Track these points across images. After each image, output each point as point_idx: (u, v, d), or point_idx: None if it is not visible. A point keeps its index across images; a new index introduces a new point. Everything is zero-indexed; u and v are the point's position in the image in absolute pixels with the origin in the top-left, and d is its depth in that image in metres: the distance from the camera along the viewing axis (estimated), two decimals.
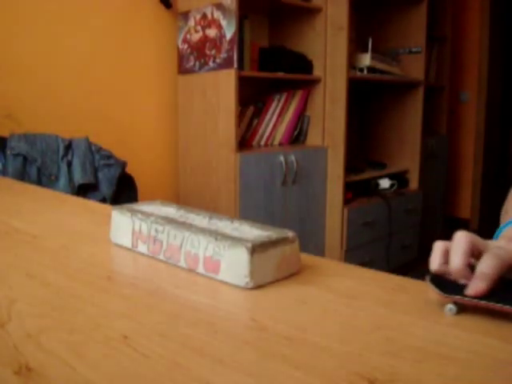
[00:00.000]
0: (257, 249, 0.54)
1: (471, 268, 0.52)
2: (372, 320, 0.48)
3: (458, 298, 0.49)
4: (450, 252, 0.54)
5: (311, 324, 0.47)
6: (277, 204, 2.66)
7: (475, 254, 0.54)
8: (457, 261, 0.53)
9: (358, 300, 0.53)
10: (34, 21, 2.27)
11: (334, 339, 0.44)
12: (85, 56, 2.45)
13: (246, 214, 2.47)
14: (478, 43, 4.13)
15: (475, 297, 0.48)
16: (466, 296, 0.48)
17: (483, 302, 0.48)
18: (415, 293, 0.56)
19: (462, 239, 0.54)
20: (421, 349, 0.42)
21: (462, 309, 0.49)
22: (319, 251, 2.92)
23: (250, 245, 0.53)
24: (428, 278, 0.53)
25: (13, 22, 2.21)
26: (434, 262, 0.55)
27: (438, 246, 0.56)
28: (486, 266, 0.50)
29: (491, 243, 0.57)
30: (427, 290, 0.55)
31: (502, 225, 0.73)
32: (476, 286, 0.49)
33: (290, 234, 0.58)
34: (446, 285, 0.51)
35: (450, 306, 0.50)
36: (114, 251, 0.70)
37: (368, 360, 0.40)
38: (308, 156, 2.79)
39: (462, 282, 0.51)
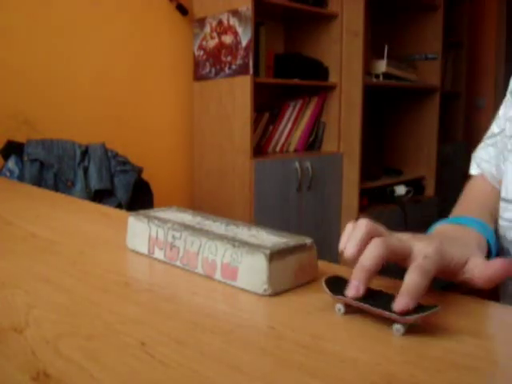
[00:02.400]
0: (275, 256, 0.53)
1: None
2: (390, 328, 0.47)
3: (342, 299, 0.49)
4: (348, 238, 0.54)
5: (329, 332, 0.46)
6: (292, 210, 2.65)
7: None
8: (351, 247, 0.53)
9: None
10: (52, 28, 2.29)
11: (351, 348, 0.43)
12: (102, 63, 2.46)
13: (260, 220, 2.46)
14: (494, 49, 4.10)
15: (355, 298, 0.49)
16: (352, 298, 0.49)
17: (364, 305, 0.48)
18: (433, 301, 0.55)
19: (361, 226, 0.55)
20: (440, 358, 0.41)
21: (349, 309, 0.50)
22: (334, 258, 2.91)
23: (268, 252, 0.53)
24: (323, 279, 0.53)
25: (30, 28, 2.23)
26: (341, 243, 0.56)
27: (348, 227, 0.57)
28: (366, 259, 0.51)
29: (393, 233, 0.57)
30: (445, 300, 0.54)
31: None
32: (353, 286, 0.49)
33: (308, 240, 0.58)
34: (340, 285, 0.51)
35: (339, 306, 0.50)
36: (130, 257, 0.70)
37: (386, 369, 0.40)
38: (323, 162, 2.79)
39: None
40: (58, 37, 2.32)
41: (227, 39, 2.54)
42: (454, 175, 3.74)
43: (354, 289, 0.49)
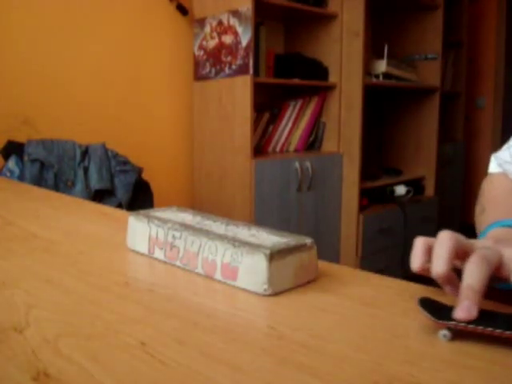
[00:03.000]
0: (275, 255, 0.53)
1: (456, 271, 0.49)
2: (390, 328, 0.47)
3: (451, 323, 0.45)
4: (433, 254, 0.50)
5: (329, 332, 0.46)
6: (292, 210, 2.65)
7: (460, 256, 0.50)
8: (440, 265, 0.48)
9: (376, 308, 0.52)
10: (52, 27, 2.29)
11: (352, 347, 0.43)
12: (102, 63, 2.46)
13: (261, 220, 2.46)
14: (494, 49, 4.10)
15: (467, 321, 0.44)
16: (458, 321, 0.44)
17: (479, 328, 0.44)
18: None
19: (445, 240, 0.50)
20: (440, 358, 0.41)
21: (456, 333, 0.45)
22: (334, 258, 2.91)
23: (268, 251, 0.53)
24: (418, 301, 0.48)
25: (30, 28, 2.23)
26: (416, 261, 0.51)
27: (420, 243, 0.52)
28: (473, 279, 0.46)
29: (477, 243, 0.53)
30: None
31: (483, 226, 0.71)
32: (465, 308, 0.44)
33: (308, 240, 0.58)
34: (439, 308, 0.47)
35: (444, 333, 0.45)
36: (130, 257, 0.70)
37: (387, 369, 0.40)
38: (323, 162, 2.79)
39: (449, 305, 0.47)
40: (58, 37, 2.32)
41: (227, 39, 2.54)
42: (453, 175, 3.74)
43: (466, 311, 0.44)
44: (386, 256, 3.02)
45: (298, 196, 2.66)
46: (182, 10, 2.69)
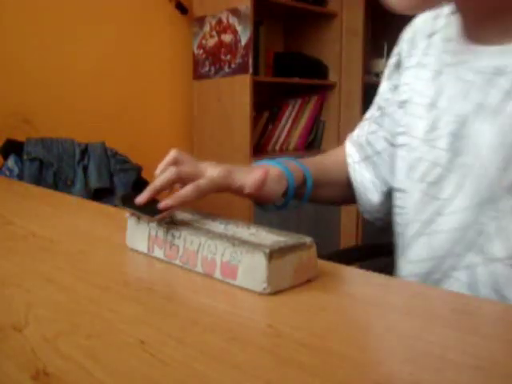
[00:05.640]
0: (274, 254, 0.53)
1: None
2: (391, 327, 0.47)
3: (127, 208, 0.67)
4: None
5: (329, 331, 0.46)
6: (291, 209, 2.65)
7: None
8: (157, 171, 0.76)
9: (377, 307, 0.52)
10: (51, 26, 2.29)
11: (352, 346, 0.43)
12: (101, 62, 2.46)
13: (259, 218, 2.46)
14: None
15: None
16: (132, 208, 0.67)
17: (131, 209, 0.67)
18: (434, 299, 0.55)
19: (169, 154, 0.79)
20: (441, 357, 0.41)
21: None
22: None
23: (267, 250, 0.53)
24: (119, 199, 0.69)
25: (30, 28, 2.23)
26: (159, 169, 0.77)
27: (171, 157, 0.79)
28: (160, 179, 0.73)
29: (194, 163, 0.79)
30: (446, 297, 0.54)
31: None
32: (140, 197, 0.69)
33: (308, 239, 0.58)
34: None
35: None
36: (130, 256, 0.70)
37: (387, 368, 0.40)
38: None
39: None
40: (57, 35, 2.31)
41: (227, 38, 2.54)
42: None
43: (140, 198, 0.68)
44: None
45: None
46: (182, 9, 2.69)
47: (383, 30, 3.43)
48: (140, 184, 2.12)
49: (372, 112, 0.99)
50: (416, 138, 0.79)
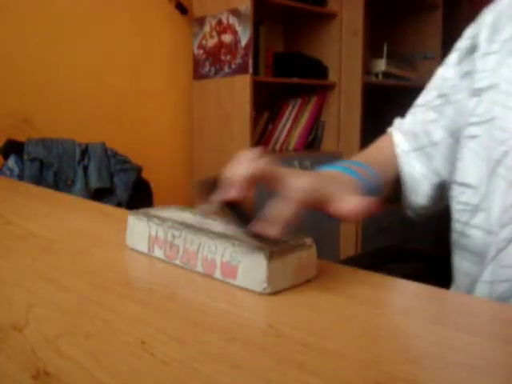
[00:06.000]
0: (274, 254, 0.53)
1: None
2: (390, 327, 0.47)
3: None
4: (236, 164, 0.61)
5: (329, 331, 0.46)
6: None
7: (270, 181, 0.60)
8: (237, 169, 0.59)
9: (376, 307, 0.52)
10: (52, 26, 2.29)
11: (352, 346, 0.43)
12: (101, 62, 2.46)
13: None
14: None
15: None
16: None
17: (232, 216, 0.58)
18: (433, 300, 0.55)
19: (244, 154, 0.63)
20: (440, 357, 0.41)
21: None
22: (333, 257, 2.91)
23: (267, 250, 0.53)
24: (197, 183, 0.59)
25: (30, 28, 2.23)
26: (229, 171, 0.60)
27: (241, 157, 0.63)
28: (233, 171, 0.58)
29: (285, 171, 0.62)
30: (446, 297, 0.54)
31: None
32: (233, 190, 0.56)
33: (307, 239, 0.58)
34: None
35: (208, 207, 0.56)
36: (130, 256, 0.70)
37: (387, 368, 0.40)
38: (323, 161, 2.77)
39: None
40: (57, 35, 2.31)
41: (227, 38, 2.54)
42: None
43: (233, 191, 0.56)
44: None
45: None
46: (182, 9, 2.69)
47: (383, 30, 3.44)
48: (140, 184, 2.12)
49: (428, 99, 0.92)
50: (505, 130, 0.72)
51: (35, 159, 1.93)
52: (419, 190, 0.89)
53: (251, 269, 0.54)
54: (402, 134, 0.93)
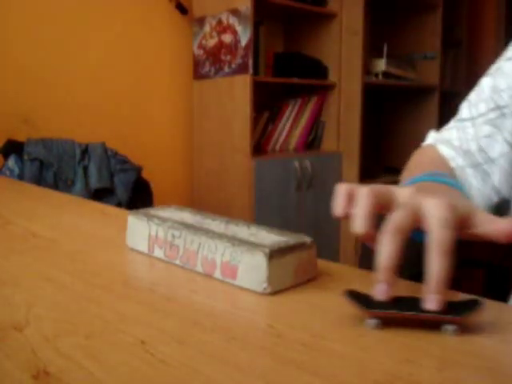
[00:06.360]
0: (275, 254, 0.53)
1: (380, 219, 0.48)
2: (390, 327, 0.47)
3: (376, 312, 0.46)
4: (354, 212, 0.50)
5: (329, 330, 0.46)
6: (291, 209, 2.65)
7: (384, 207, 0.51)
8: (359, 226, 0.49)
9: None
10: (52, 26, 2.29)
11: (352, 346, 0.43)
12: (101, 62, 2.46)
13: (260, 219, 2.46)
14: (493, 48, 4.10)
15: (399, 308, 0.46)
16: (388, 309, 0.46)
17: (405, 314, 0.45)
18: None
19: (364, 198, 0.50)
20: (441, 357, 0.41)
21: (385, 321, 0.46)
22: (334, 256, 2.91)
23: (267, 250, 0.53)
24: (345, 293, 0.48)
25: (30, 28, 2.23)
26: (338, 207, 0.51)
27: (343, 191, 0.52)
28: (386, 255, 0.46)
29: (399, 195, 0.53)
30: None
31: (406, 180, 0.71)
32: (381, 291, 0.46)
33: (308, 239, 0.58)
34: (365, 298, 0.48)
35: (371, 321, 0.46)
36: (130, 256, 0.70)
37: (387, 367, 0.40)
38: (323, 161, 2.79)
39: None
40: (57, 35, 2.31)
41: (227, 38, 2.54)
42: None
43: (382, 293, 0.46)
44: None
45: (298, 195, 2.66)
46: (182, 9, 2.69)
47: (383, 29, 3.44)
48: (140, 184, 2.12)
49: (480, 112, 0.85)
50: None
51: (35, 159, 1.93)
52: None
53: (251, 269, 0.54)
54: (450, 149, 0.86)
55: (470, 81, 3.95)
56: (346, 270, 0.65)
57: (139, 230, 0.69)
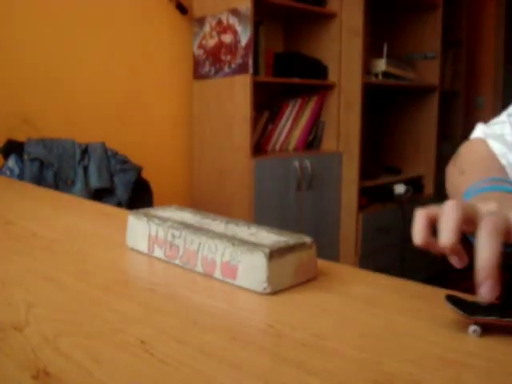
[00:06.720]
0: (274, 254, 0.54)
1: (464, 238, 0.47)
2: (390, 327, 0.47)
3: (481, 318, 0.44)
4: (440, 225, 0.48)
5: (328, 330, 0.46)
6: (291, 209, 2.65)
7: (467, 223, 0.49)
8: (448, 237, 0.46)
9: (376, 307, 0.52)
10: (52, 26, 2.29)
11: (351, 346, 0.43)
12: (102, 62, 2.46)
13: (260, 219, 2.46)
14: (493, 48, 4.10)
15: (494, 304, 0.44)
16: (490, 315, 0.44)
17: (504, 320, 0.44)
18: (433, 300, 0.55)
19: (452, 210, 0.48)
20: (440, 356, 0.41)
21: (486, 329, 0.45)
22: (334, 256, 2.91)
23: (267, 250, 0.53)
24: (445, 298, 0.47)
25: (31, 27, 2.23)
26: (419, 235, 0.49)
27: (422, 215, 0.50)
28: (488, 252, 0.44)
29: (482, 208, 0.51)
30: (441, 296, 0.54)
31: (464, 187, 0.70)
32: (489, 287, 0.44)
33: (308, 239, 0.58)
34: (466, 304, 0.46)
35: (474, 328, 0.45)
36: (130, 256, 0.70)
37: (387, 367, 0.40)
38: (323, 161, 2.79)
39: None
40: (57, 35, 2.31)
41: (227, 38, 2.53)
42: None
43: (490, 290, 0.44)
44: (386, 255, 3.02)
45: (298, 195, 2.66)
46: (182, 9, 2.69)
47: (383, 29, 3.44)
48: (140, 184, 2.12)
49: None
50: None
51: (35, 159, 1.93)
52: None
53: (251, 269, 0.54)
54: (501, 144, 0.84)
55: (469, 80, 3.96)
56: (346, 270, 0.65)
57: (139, 230, 0.69)
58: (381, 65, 3.05)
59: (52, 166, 1.94)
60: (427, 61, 3.38)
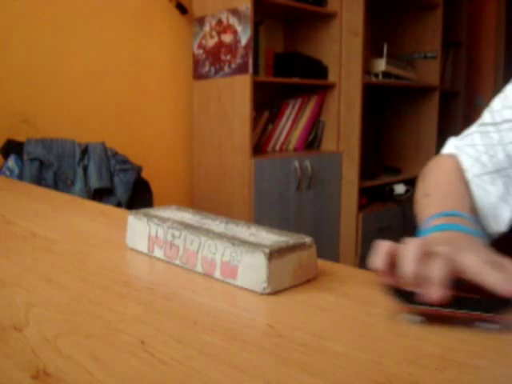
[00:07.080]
0: (274, 254, 0.53)
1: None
2: (391, 327, 0.47)
3: (419, 307, 0.47)
4: (402, 256, 0.51)
5: (329, 331, 0.46)
6: (291, 209, 2.65)
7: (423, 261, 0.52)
8: (410, 265, 0.49)
9: (376, 307, 0.52)
10: (52, 26, 2.29)
11: (352, 346, 0.43)
12: (101, 62, 2.46)
13: (260, 219, 2.46)
14: (493, 48, 4.10)
15: (439, 305, 0.46)
16: (430, 305, 0.47)
17: (444, 311, 0.47)
18: None
19: (413, 245, 0.51)
20: (440, 356, 0.41)
21: (427, 317, 0.47)
22: (333, 256, 2.91)
23: (267, 250, 0.53)
24: (384, 288, 0.50)
25: (30, 27, 2.23)
26: (379, 261, 0.51)
27: (384, 246, 0.52)
28: (438, 271, 0.48)
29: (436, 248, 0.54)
30: None
31: (426, 211, 0.74)
32: (433, 291, 0.47)
33: (308, 239, 0.58)
34: (405, 294, 0.49)
35: (410, 317, 0.48)
36: (130, 256, 0.70)
37: (387, 368, 0.40)
38: (323, 161, 2.79)
39: (416, 290, 0.48)
40: (57, 35, 2.31)
41: (227, 38, 2.53)
42: None
43: (434, 293, 0.47)
44: None
45: (298, 195, 2.66)
46: (182, 9, 2.69)
47: (383, 29, 3.44)
48: (140, 184, 2.12)
49: (504, 118, 0.86)
50: None
51: (35, 159, 1.93)
52: (499, 216, 0.83)
53: (251, 269, 0.54)
54: (468, 157, 0.88)
55: (469, 80, 3.96)
56: (346, 270, 0.65)
57: (139, 230, 0.69)
58: (381, 65, 3.05)
59: (52, 165, 1.94)
60: (427, 61, 3.38)
